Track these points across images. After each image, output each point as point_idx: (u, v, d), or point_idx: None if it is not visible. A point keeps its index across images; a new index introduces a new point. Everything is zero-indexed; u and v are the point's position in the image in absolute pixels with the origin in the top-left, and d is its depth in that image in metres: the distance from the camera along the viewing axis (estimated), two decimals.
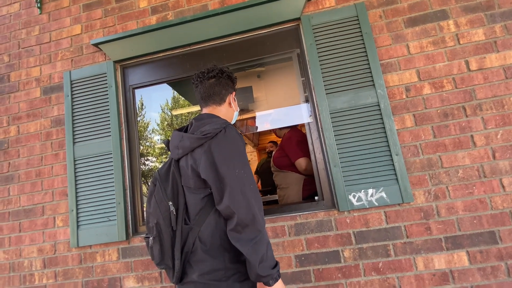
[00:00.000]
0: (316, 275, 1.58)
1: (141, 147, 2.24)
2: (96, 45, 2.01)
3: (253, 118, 2.29)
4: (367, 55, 1.70)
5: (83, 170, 1.92)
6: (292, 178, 2.28)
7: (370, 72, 1.68)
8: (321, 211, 1.65)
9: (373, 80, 1.67)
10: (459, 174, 1.55)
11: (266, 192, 3.65)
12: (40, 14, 2.24)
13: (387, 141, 1.61)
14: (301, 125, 2.78)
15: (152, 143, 3.50)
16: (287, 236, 1.65)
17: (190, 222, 0.99)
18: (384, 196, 1.57)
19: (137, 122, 2.06)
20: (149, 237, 0.99)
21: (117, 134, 1.92)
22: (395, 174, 1.58)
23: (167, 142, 1.12)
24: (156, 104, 2.95)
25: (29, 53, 2.20)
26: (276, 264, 0.94)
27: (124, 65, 2.08)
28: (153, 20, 2.05)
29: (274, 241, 1.65)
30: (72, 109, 2.01)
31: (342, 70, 1.72)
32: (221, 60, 1.94)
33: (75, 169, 1.93)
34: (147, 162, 3.52)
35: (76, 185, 1.91)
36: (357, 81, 1.69)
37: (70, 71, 2.06)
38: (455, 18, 1.69)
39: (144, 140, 3.30)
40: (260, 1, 1.79)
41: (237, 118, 1.25)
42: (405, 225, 1.55)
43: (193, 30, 1.91)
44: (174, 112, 3.48)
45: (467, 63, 1.64)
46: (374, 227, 1.57)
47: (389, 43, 1.73)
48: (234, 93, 1.20)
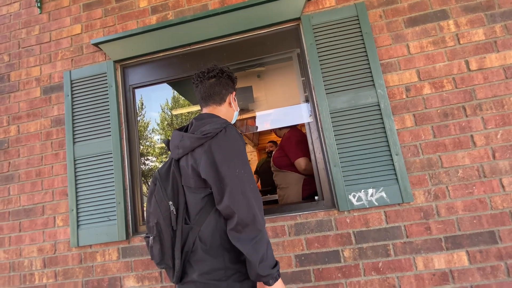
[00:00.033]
0: (316, 275, 1.59)
1: (141, 147, 2.24)
2: (96, 44, 2.01)
3: (253, 118, 2.29)
4: (367, 55, 1.70)
5: (83, 169, 1.92)
6: (292, 178, 2.28)
7: (370, 72, 1.68)
8: (321, 211, 1.65)
9: (373, 80, 1.67)
10: (459, 174, 1.55)
11: (266, 192, 3.66)
12: (40, 13, 2.24)
13: (387, 141, 1.61)
14: (301, 125, 2.78)
15: (152, 143, 3.50)
16: (287, 236, 1.65)
17: (190, 221, 0.99)
18: (384, 196, 1.57)
19: (137, 122, 2.06)
20: (149, 237, 0.99)
21: (117, 133, 1.92)
22: (395, 174, 1.58)
23: (167, 142, 1.12)
24: (156, 104, 2.95)
25: (29, 52, 2.20)
26: (276, 264, 0.94)
27: (124, 64, 2.08)
28: (153, 19, 2.05)
29: (274, 240, 1.65)
30: (72, 109, 2.01)
31: (342, 70, 1.72)
32: (221, 60, 1.94)
33: (75, 168, 1.93)
34: (147, 162, 3.52)
35: (76, 184, 1.91)
36: (357, 81, 1.69)
37: (70, 71, 2.06)
38: (455, 18, 1.69)
39: (144, 140, 3.30)
40: (260, 0, 1.79)
41: (237, 118, 1.25)
42: (405, 225, 1.55)
43: (193, 30, 1.91)
44: (174, 112, 3.48)
45: (467, 63, 1.64)
46: (374, 227, 1.57)
47: (389, 43, 1.73)
48: (234, 93, 1.20)
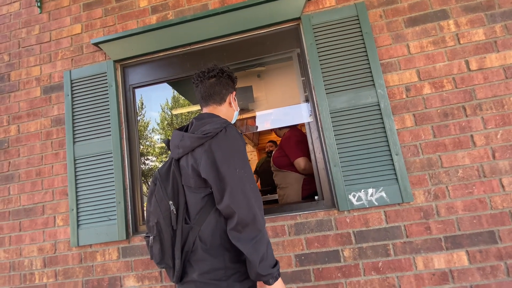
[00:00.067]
0: (316, 274, 1.59)
1: (141, 147, 2.24)
2: (96, 44, 2.01)
3: (253, 117, 2.29)
4: (367, 55, 1.70)
5: (83, 169, 1.92)
6: (291, 178, 2.28)
7: (370, 72, 1.68)
8: (321, 210, 1.65)
9: (373, 80, 1.67)
10: (459, 174, 1.55)
11: (266, 191, 3.65)
12: (40, 13, 2.24)
13: (387, 141, 1.61)
14: (301, 125, 2.78)
15: (152, 143, 3.50)
16: (287, 236, 1.65)
17: (190, 221, 0.99)
18: (384, 195, 1.57)
19: (137, 121, 2.06)
20: (150, 236, 0.99)
21: (117, 133, 1.92)
22: (395, 174, 1.58)
23: (167, 142, 1.12)
24: (156, 103, 2.95)
25: (29, 52, 2.20)
26: (276, 263, 0.94)
27: (124, 64, 2.08)
28: (153, 19, 2.05)
29: (274, 240, 1.65)
30: (72, 109, 2.01)
31: (342, 69, 1.72)
32: (221, 60, 1.94)
33: (75, 168, 1.93)
34: (147, 162, 3.52)
35: (76, 184, 1.91)
36: (357, 81, 1.69)
37: (70, 71, 2.06)
38: (455, 18, 1.69)
39: (144, 139, 3.30)
40: (260, 0, 1.79)
41: (237, 117, 1.25)
42: (405, 225, 1.55)
43: (193, 29, 1.91)
44: (174, 112, 3.48)
45: (467, 63, 1.64)
46: (374, 227, 1.58)
47: (389, 43, 1.73)
48: (235, 92, 1.20)
